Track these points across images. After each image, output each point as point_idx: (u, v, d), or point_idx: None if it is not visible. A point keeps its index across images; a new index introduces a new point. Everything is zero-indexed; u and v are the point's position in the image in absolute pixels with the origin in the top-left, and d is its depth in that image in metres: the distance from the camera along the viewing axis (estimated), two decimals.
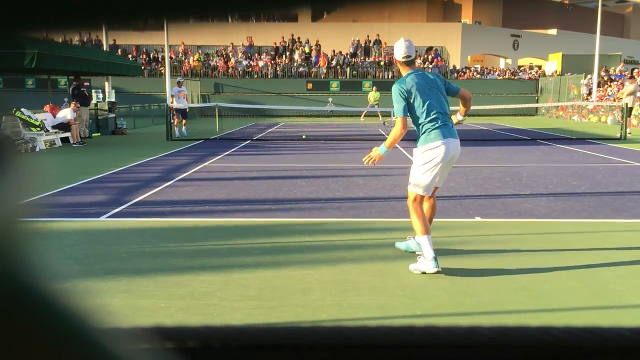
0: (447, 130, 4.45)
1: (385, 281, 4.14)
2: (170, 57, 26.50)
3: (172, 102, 16.44)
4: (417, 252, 4.54)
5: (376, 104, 25.74)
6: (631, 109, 18.05)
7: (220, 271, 4.37)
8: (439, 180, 4.59)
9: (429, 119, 4.44)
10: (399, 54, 4.53)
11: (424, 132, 4.48)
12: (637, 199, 7.24)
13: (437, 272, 4.23)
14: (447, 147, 4.42)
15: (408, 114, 4.49)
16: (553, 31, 44.33)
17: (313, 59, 33.53)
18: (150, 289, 3.99)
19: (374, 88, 27.02)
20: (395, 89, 4.48)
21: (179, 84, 16.88)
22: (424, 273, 4.28)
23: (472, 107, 5.26)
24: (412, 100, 4.45)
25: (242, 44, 34.89)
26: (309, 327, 0.48)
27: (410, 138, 4.93)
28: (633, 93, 18.60)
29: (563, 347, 0.48)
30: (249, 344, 0.47)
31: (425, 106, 4.43)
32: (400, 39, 4.57)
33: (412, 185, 4.54)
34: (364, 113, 26.69)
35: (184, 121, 16.87)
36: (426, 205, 4.64)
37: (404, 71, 4.57)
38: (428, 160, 4.46)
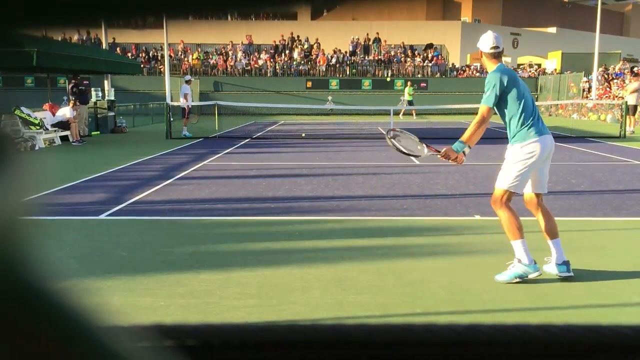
0: (543, 126, 4.23)
1: (384, 279, 4.15)
2: (170, 56, 26.49)
3: (185, 101, 16.34)
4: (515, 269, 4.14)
5: (410, 100, 25.94)
6: (635, 106, 18.00)
7: (219, 269, 4.37)
8: (540, 182, 4.27)
9: (526, 114, 4.20)
10: (487, 44, 4.28)
11: (523, 128, 4.20)
12: (637, 197, 7.24)
13: (539, 275, 4.05)
14: (545, 143, 4.17)
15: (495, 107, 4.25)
16: (553, 29, 44.33)
17: (315, 56, 33.51)
18: (150, 287, 3.99)
19: (409, 83, 27.32)
20: (494, 76, 4.20)
21: (189, 83, 16.83)
22: (522, 279, 4.05)
23: (472, 106, 5.21)
24: (507, 93, 4.21)
25: (242, 42, 34.86)
26: (308, 325, 0.48)
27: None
28: (637, 91, 18.56)
29: (562, 345, 0.48)
30: (248, 342, 0.47)
31: (523, 101, 4.21)
32: (488, 31, 4.35)
33: (504, 182, 4.20)
34: (402, 111, 26.71)
35: (185, 120, 16.83)
36: (539, 217, 4.31)
37: (491, 64, 4.31)
38: (526, 156, 4.16)
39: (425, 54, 34.72)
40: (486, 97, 4.21)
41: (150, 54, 33.68)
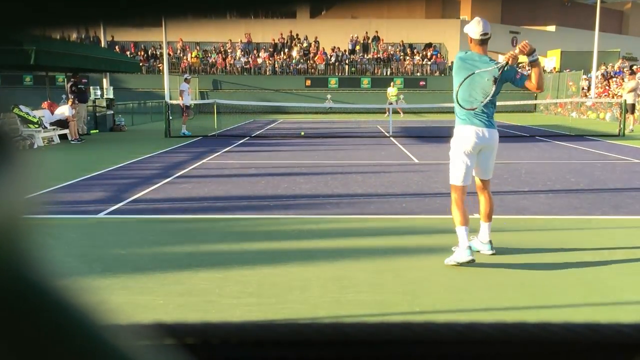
0: (471, 117, 4.36)
1: (383, 278, 4.15)
2: (169, 54, 26.46)
3: (181, 99, 16.33)
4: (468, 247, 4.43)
5: (395, 100, 25.86)
6: (633, 105, 18.02)
7: (218, 268, 4.37)
8: (479, 169, 4.57)
9: (460, 99, 4.35)
10: (476, 31, 4.33)
11: (458, 117, 4.44)
12: (636, 195, 7.25)
13: (471, 261, 4.27)
14: (467, 133, 4.38)
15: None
16: (552, 28, 44.31)
17: (313, 54, 33.48)
18: (148, 285, 3.99)
19: (395, 82, 27.22)
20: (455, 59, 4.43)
21: (187, 81, 16.81)
22: (458, 264, 4.32)
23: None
24: (455, 76, 4.39)
25: (241, 41, 34.84)
26: (308, 324, 0.48)
27: (410, 135, 4.91)
28: (634, 90, 18.57)
29: (561, 344, 0.48)
30: (247, 340, 0.47)
31: (459, 88, 4.34)
32: (476, 17, 4.40)
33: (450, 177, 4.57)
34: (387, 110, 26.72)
35: (184, 118, 16.81)
36: (481, 199, 4.72)
37: (474, 51, 4.40)
38: (454, 143, 4.45)
39: (424, 53, 34.72)
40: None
41: (149, 52, 33.64)
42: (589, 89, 27.99)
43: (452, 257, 4.37)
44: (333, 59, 33.37)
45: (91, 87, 18.24)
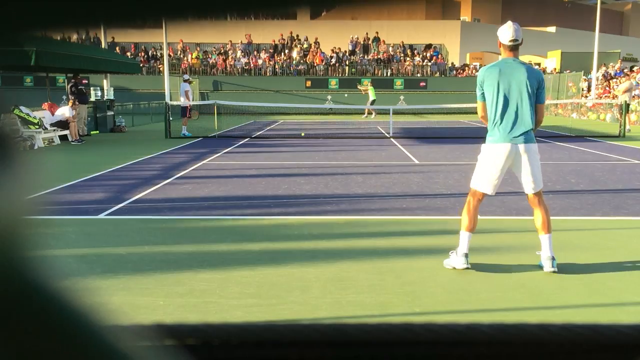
0: (504, 133, 4.24)
1: (384, 279, 4.15)
2: (169, 55, 26.48)
3: (187, 99, 16.30)
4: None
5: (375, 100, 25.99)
6: (628, 105, 18.06)
7: (219, 269, 4.37)
8: (523, 183, 4.36)
9: (492, 115, 4.27)
10: (507, 36, 4.27)
11: (489, 129, 4.35)
12: (636, 196, 7.24)
13: (467, 269, 4.28)
14: (497, 152, 4.26)
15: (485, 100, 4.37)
16: (552, 28, 44.33)
17: (313, 55, 33.50)
18: (149, 286, 3.99)
19: (368, 82, 27.39)
20: (480, 71, 4.39)
21: (188, 82, 16.80)
22: (454, 268, 4.33)
23: (472, 105, 5.23)
24: (485, 90, 4.31)
25: (241, 42, 34.86)
26: (308, 325, 0.48)
27: (410, 136, 4.91)
28: (628, 90, 18.60)
29: (562, 344, 0.48)
30: (248, 341, 0.47)
31: (495, 101, 4.25)
32: (508, 22, 4.33)
33: (472, 179, 4.49)
34: (367, 111, 26.78)
35: (184, 120, 16.80)
36: (534, 213, 4.42)
37: (504, 56, 4.35)
38: (483, 157, 4.36)
39: (424, 54, 34.73)
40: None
41: (150, 53, 33.67)
42: (589, 89, 28.00)
43: (450, 261, 4.38)
44: (333, 60, 33.37)
45: (92, 88, 18.25)
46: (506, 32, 4.28)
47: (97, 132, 17.48)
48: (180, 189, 7.88)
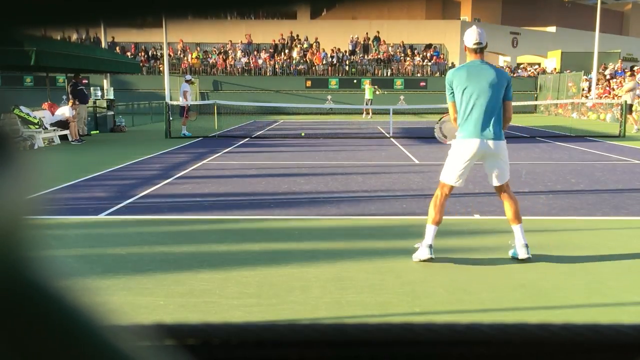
0: (474, 129, 4.44)
1: (384, 279, 4.15)
2: (169, 55, 26.48)
3: (185, 99, 16.29)
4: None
5: (371, 99, 26.01)
6: (631, 105, 18.05)
7: (219, 269, 4.37)
8: (491, 176, 4.58)
9: (460, 113, 4.48)
10: (470, 40, 4.49)
11: (462, 124, 4.52)
12: (636, 196, 7.24)
13: (430, 259, 4.42)
14: (467, 146, 4.46)
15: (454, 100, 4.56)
16: (552, 28, 44.31)
17: (312, 55, 33.50)
18: (149, 286, 3.99)
19: (368, 81, 27.43)
20: (449, 73, 4.56)
21: (189, 82, 16.78)
22: (420, 260, 4.47)
23: None
24: (456, 90, 4.49)
25: (241, 42, 34.85)
26: (308, 325, 0.48)
27: (410, 136, 4.92)
28: (632, 90, 18.58)
29: (562, 344, 0.48)
30: (248, 341, 0.47)
31: (462, 100, 4.45)
32: (473, 26, 4.58)
33: (442, 173, 4.66)
34: (364, 110, 26.78)
35: (184, 120, 16.78)
36: (504, 204, 4.64)
37: (469, 59, 4.56)
38: (453, 152, 4.55)
39: (424, 53, 34.73)
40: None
41: (150, 53, 33.67)
42: (589, 89, 28.00)
43: (417, 254, 4.52)
44: (334, 60, 33.37)
45: (92, 88, 18.25)
46: (471, 36, 4.50)
47: (97, 132, 17.48)
48: (180, 189, 7.88)
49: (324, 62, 33.13)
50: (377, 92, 27.39)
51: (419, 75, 33.24)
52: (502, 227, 5.73)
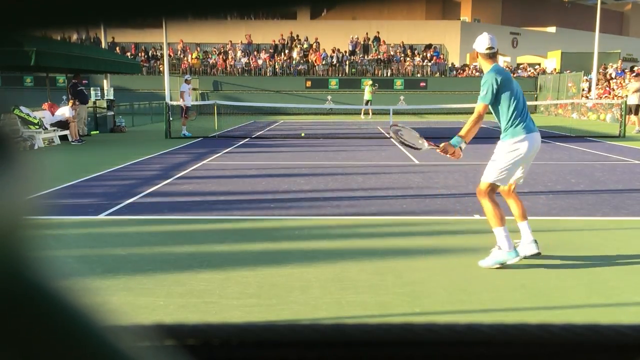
0: (532, 124, 4.54)
1: (384, 279, 4.15)
2: (169, 55, 26.48)
3: (182, 100, 16.29)
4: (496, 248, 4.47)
5: (371, 99, 26.02)
6: (637, 106, 18.00)
7: (219, 269, 4.37)
8: (520, 174, 4.65)
9: (516, 112, 4.49)
10: (483, 45, 4.54)
11: (512, 126, 4.50)
12: (636, 196, 7.24)
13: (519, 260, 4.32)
14: (533, 140, 4.50)
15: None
16: (552, 29, 44.33)
17: (312, 55, 33.51)
18: (149, 286, 3.99)
19: (368, 82, 27.43)
20: (490, 76, 4.49)
21: (188, 82, 16.79)
22: (502, 265, 4.34)
23: (472, 106, 5.28)
24: (501, 92, 4.49)
25: (241, 42, 34.85)
26: (308, 325, 0.48)
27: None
28: (638, 91, 18.53)
29: (562, 345, 0.48)
30: (248, 341, 0.47)
31: (515, 100, 4.49)
32: (484, 33, 4.63)
33: (491, 176, 4.51)
34: (363, 111, 26.78)
35: (184, 120, 16.77)
36: (512, 203, 4.66)
37: (487, 64, 4.57)
38: (514, 152, 4.49)
39: (424, 54, 34.72)
40: (482, 95, 4.49)
41: (150, 53, 33.66)
42: (589, 90, 28.00)
43: (493, 258, 4.38)
44: (334, 60, 33.37)
45: (91, 89, 18.24)
46: (483, 41, 4.55)
47: (97, 132, 17.48)
48: (180, 189, 7.88)
49: (324, 62, 33.13)
50: (373, 89, 27.39)
51: (419, 75, 33.23)
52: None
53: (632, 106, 17.90)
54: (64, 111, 14.84)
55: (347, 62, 33.50)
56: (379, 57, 34.13)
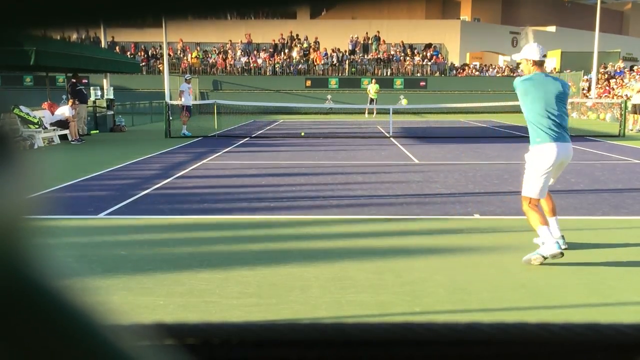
0: (556, 133, 4.54)
1: (384, 278, 4.15)
2: (169, 54, 26.48)
3: (180, 100, 16.29)
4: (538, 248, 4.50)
5: (376, 98, 26.00)
6: None
7: (219, 268, 4.37)
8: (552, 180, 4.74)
9: (537, 119, 4.55)
10: (536, 54, 4.62)
11: (532, 133, 4.60)
12: (636, 196, 7.25)
13: (561, 253, 4.31)
14: (552, 149, 4.52)
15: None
16: (552, 28, 44.31)
17: (312, 55, 33.51)
18: (149, 286, 3.99)
19: (374, 80, 27.34)
20: (515, 82, 4.67)
21: (188, 81, 16.79)
22: (545, 258, 4.35)
23: (472, 105, 5.33)
24: (523, 98, 4.59)
25: (241, 41, 34.84)
26: (308, 324, 0.48)
27: (410, 135, 4.91)
28: None
29: (562, 344, 0.48)
30: (248, 340, 0.47)
31: (537, 107, 4.54)
32: (531, 42, 4.71)
33: (524, 189, 4.63)
34: (367, 110, 26.75)
35: (184, 119, 16.76)
36: (549, 200, 4.81)
37: (533, 71, 4.65)
38: (534, 160, 4.57)
39: (424, 53, 34.72)
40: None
41: (150, 53, 33.65)
42: (589, 89, 28.00)
43: (543, 251, 4.39)
44: (334, 60, 33.37)
45: (91, 88, 18.24)
46: (535, 50, 4.62)
47: (97, 131, 17.48)
48: (180, 188, 7.88)
49: (324, 62, 33.13)
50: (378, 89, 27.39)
51: (418, 75, 33.22)
52: (502, 227, 5.74)
53: (637, 106, 17.93)
54: (64, 110, 14.83)
55: (347, 62, 33.49)
56: (378, 56, 34.12)
